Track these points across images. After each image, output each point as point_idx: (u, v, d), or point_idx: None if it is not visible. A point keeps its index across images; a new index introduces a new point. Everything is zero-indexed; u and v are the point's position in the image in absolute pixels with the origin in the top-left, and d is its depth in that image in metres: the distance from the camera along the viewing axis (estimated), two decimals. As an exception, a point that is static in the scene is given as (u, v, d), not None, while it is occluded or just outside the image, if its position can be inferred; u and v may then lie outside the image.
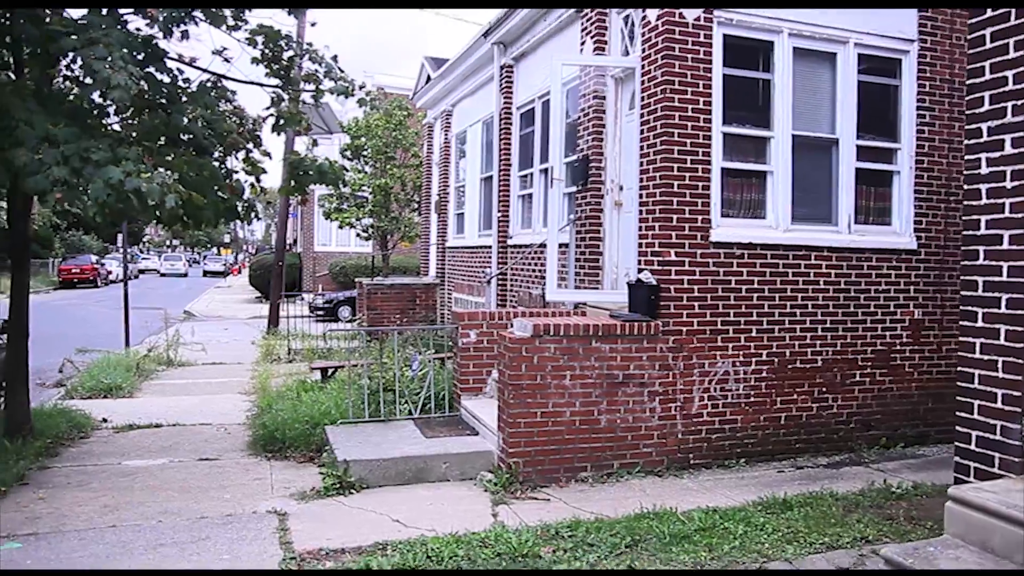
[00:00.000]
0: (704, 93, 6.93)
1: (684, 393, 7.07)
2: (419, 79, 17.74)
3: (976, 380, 3.95)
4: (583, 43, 8.61)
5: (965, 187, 4.07)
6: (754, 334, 7.28)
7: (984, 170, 3.95)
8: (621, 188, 8.20)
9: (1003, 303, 3.84)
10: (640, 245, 7.23)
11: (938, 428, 7.98)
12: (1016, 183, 3.81)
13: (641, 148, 7.19)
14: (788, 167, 7.36)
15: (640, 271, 7.12)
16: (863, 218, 7.77)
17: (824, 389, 7.55)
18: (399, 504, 6.02)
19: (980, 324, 3.96)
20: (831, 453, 7.56)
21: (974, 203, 4.01)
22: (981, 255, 3.96)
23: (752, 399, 7.29)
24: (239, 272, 60.21)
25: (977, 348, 3.96)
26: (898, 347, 7.83)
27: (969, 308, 4.03)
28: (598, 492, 6.40)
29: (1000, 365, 3.84)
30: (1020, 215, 3.79)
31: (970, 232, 4.03)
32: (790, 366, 7.41)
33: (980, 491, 3.53)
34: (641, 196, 7.20)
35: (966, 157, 4.08)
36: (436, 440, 7.17)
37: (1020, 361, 3.76)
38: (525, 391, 6.54)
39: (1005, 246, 3.83)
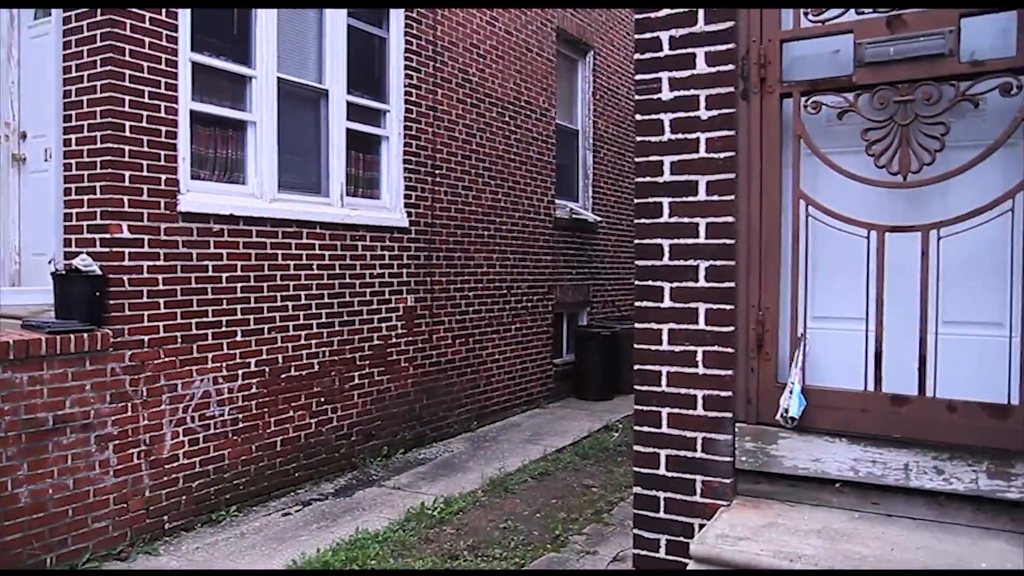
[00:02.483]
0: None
1: (151, 431, 4.90)
2: None
3: (664, 380, 2.89)
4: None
5: (638, 117, 2.97)
6: (240, 338, 5.45)
7: (667, 94, 2.90)
8: (24, 136, 5.51)
9: (702, 273, 2.84)
10: (71, 217, 4.80)
11: (433, 426, 7.21)
12: (713, 112, 2.84)
13: (69, 71, 4.75)
14: (273, 119, 5.68)
15: (71, 256, 4.70)
16: (354, 189, 6.51)
17: (323, 399, 6.10)
18: None
19: (668, 304, 2.88)
20: (334, 475, 6.16)
21: (652, 139, 2.93)
22: (666, 210, 2.90)
23: (241, 424, 5.46)
24: None
25: (664, 337, 2.88)
26: (394, 340, 6.78)
27: (649, 283, 2.92)
28: (26, 617, 3.91)
29: (700, 357, 2.83)
30: (722, 154, 2.82)
31: (648, 179, 2.94)
32: (284, 375, 5.77)
33: (731, 540, 2.46)
34: (70, 143, 4.77)
35: (637, 76, 2.99)
36: None
37: (729, 350, 2.80)
38: None
39: (702, 196, 2.84)
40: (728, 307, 2.82)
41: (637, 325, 2.96)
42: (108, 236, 4.67)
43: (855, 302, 2.72)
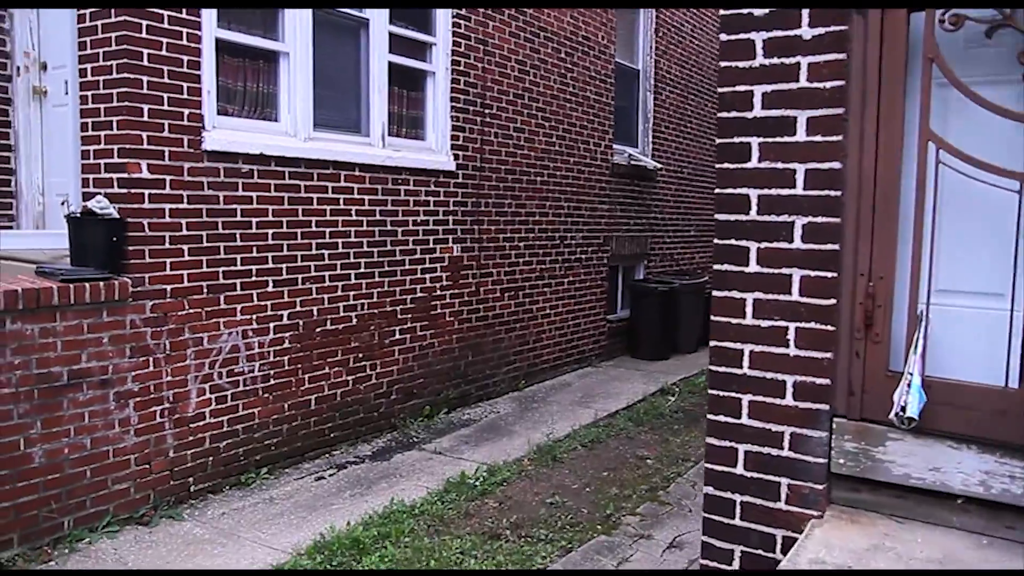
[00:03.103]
0: (187, -92, 4.37)
1: (175, 387, 4.58)
2: None
3: (746, 362, 2.40)
4: None
5: (722, 38, 2.40)
6: (271, 288, 5.07)
7: (760, 8, 2.34)
8: (45, 67, 5.15)
9: (799, 231, 2.31)
10: (88, 155, 4.43)
11: (478, 384, 6.81)
12: (819, 30, 2.27)
13: (80, -8, 4.34)
14: (308, 50, 5.21)
15: (89, 197, 4.34)
16: (396, 128, 6.03)
17: (361, 355, 5.72)
18: None
19: (754, 268, 2.36)
20: (372, 436, 5.81)
21: (739, 65, 2.38)
22: (755, 152, 2.36)
23: (273, 381, 5.12)
24: None
25: (749, 308, 2.37)
26: (438, 292, 6.36)
27: (731, 242, 2.40)
28: (37, 586, 3.65)
29: (792, 335, 2.33)
30: (828, 83, 2.26)
31: (733, 114, 2.39)
32: (319, 329, 5.40)
33: (830, 569, 1.98)
34: (86, 74, 4.38)
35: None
36: None
37: (829, 328, 2.28)
38: None
39: (801, 136, 2.29)
40: (830, 275, 2.29)
41: (715, 293, 2.44)
42: (126, 176, 4.29)
43: (995, 273, 2.16)
